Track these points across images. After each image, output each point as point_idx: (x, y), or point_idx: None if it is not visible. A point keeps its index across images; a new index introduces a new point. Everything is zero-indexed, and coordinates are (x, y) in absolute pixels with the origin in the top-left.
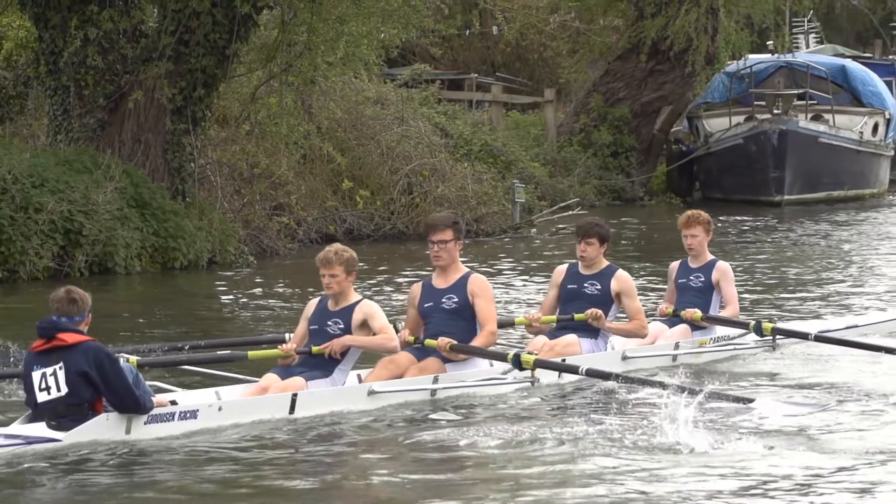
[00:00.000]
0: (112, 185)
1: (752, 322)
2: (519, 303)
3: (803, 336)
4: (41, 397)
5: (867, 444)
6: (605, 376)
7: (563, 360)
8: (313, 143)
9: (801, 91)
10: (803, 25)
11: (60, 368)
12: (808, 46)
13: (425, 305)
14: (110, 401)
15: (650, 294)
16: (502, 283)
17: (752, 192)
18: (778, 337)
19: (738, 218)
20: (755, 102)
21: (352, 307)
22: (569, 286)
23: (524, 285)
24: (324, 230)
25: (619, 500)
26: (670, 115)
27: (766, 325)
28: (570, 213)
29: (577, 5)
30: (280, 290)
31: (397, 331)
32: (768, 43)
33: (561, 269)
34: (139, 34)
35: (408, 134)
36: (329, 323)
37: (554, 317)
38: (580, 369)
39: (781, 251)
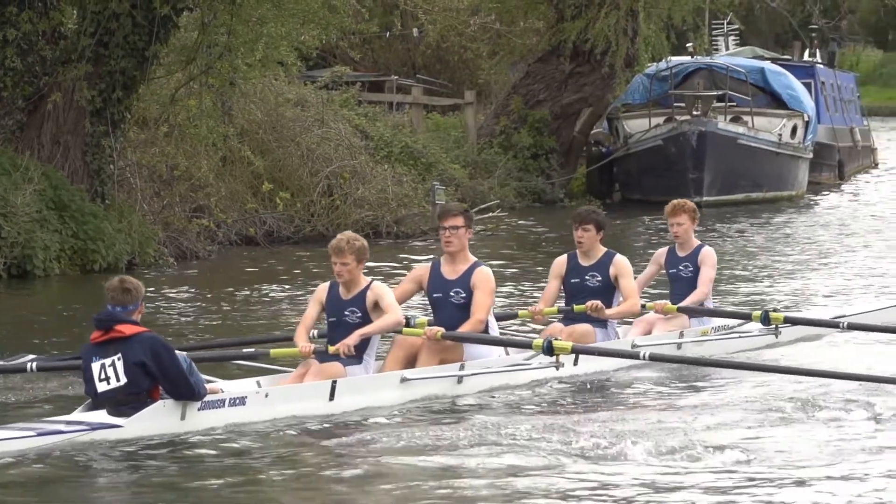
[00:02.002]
0: (31, 187)
1: (758, 312)
2: None
3: (833, 325)
4: (101, 387)
5: None
6: (671, 360)
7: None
8: (233, 145)
9: (720, 93)
10: (723, 27)
11: (119, 359)
12: (727, 48)
13: (434, 295)
14: (166, 389)
15: None
16: None
17: (671, 193)
18: (792, 326)
19: (657, 219)
20: (675, 104)
21: (363, 293)
22: (572, 280)
23: None
24: (244, 232)
25: (645, 489)
26: (590, 117)
27: (776, 315)
28: (491, 214)
29: (497, 7)
30: (200, 291)
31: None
32: (688, 45)
33: (561, 261)
34: (58, 36)
35: (328, 136)
36: (346, 313)
37: (555, 308)
38: (641, 354)
39: None
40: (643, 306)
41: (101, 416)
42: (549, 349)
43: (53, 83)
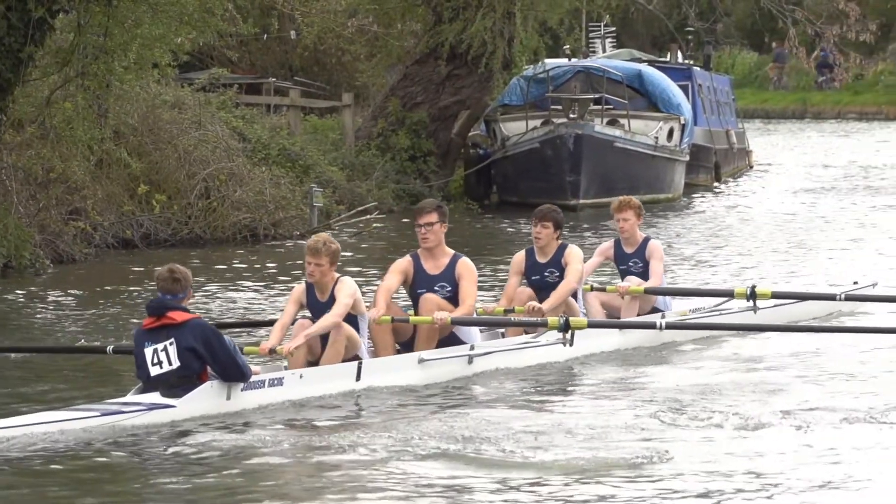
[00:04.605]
0: None
1: (742, 288)
2: None
3: (829, 297)
4: (154, 371)
5: None
6: (687, 327)
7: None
8: (109, 147)
9: (597, 95)
10: (599, 30)
11: (171, 344)
12: (604, 50)
13: (419, 291)
14: (217, 371)
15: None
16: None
17: (548, 195)
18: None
19: None
20: (552, 106)
21: (333, 293)
22: (533, 278)
23: None
24: (121, 235)
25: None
26: (468, 120)
27: (764, 291)
28: (368, 217)
29: (375, 9)
30: (77, 294)
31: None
32: (564, 47)
33: (520, 258)
34: None
35: (205, 138)
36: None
37: (502, 308)
38: (658, 324)
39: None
40: (604, 289)
41: (155, 397)
42: (565, 326)
43: None
